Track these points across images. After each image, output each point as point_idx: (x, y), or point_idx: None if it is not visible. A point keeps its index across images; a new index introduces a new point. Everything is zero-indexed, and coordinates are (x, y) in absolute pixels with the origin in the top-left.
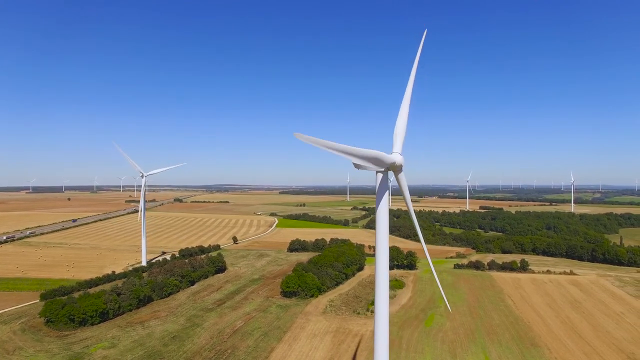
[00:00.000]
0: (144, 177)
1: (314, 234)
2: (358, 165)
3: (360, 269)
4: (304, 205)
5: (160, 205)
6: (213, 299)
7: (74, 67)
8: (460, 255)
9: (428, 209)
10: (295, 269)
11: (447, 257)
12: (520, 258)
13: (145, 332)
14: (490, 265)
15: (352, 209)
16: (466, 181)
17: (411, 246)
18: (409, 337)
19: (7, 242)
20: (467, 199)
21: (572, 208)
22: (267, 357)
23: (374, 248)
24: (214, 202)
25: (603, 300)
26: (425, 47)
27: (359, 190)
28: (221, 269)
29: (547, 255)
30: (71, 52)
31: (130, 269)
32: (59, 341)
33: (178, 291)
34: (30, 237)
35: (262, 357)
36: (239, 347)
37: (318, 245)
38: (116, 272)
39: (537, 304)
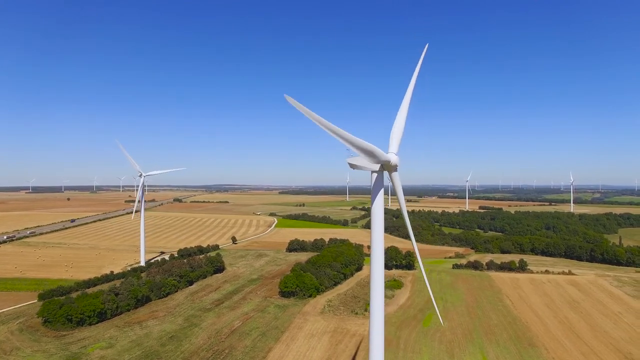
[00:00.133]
0: (143, 176)
1: (313, 234)
2: (354, 165)
3: (358, 269)
4: (303, 205)
5: (160, 205)
6: (211, 299)
7: (74, 67)
8: (459, 256)
9: (427, 209)
10: (293, 269)
11: (446, 257)
12: (519, 258)
13: (143, 332)
14: (488, 265)
15: (351, 209)
16: (465, 181)
17: (410, 246)
18: (406, 337)
19: (6, 242)
20: (466, 199)
21: (572, 208)
22: (264, 357)
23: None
24: (213, 202)
25: (601, 300)
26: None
27: (358, 191)
28: (220, 269)
29: (546, 255)
30: (71, 52)
31: (129, 269)
32: (57, 341)
33: (176, 291)
34: (29, 237)
35: (259, 357)
36: (237, 347)
37: (317, 245)
38: (115, 272)
39: (536, 304)
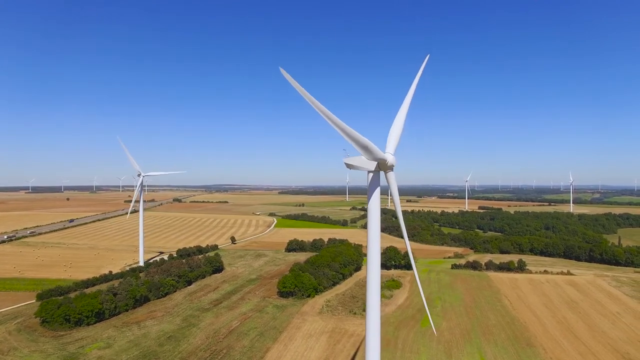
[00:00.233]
0: (141, 176)
1: (312, 234)
2: (350, 166)
3: (357, 269)
4: (303, 205)
5: (159, 205)
6: (210, 299)
7: (73, 67)
8: (458, 256)
9: (427, 209)
10: (292, 269)
11: (445, 257)
12: (518, 258)
13: (141, 332)
14: (487, 265)
15: (351, 209)
16: (465, 181)
17: (411, 246)
18: (404, 337)
19: (6, 242)
20: (466, 199)
21: (571, 208)
22: (262, 357)
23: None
24: (213, 202)
25: (599, 300)
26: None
27: (358, 191)
28: (218, 269)
29: (545, 256)
30: (71, 52)
31: (128, 269)
32: (54, 341)
33: (175, 291)
34: (28, 237)
35: (257, 357)
36: (235, 347)
37: (316, 245)
38: (113, 272)
39: (534, 304)
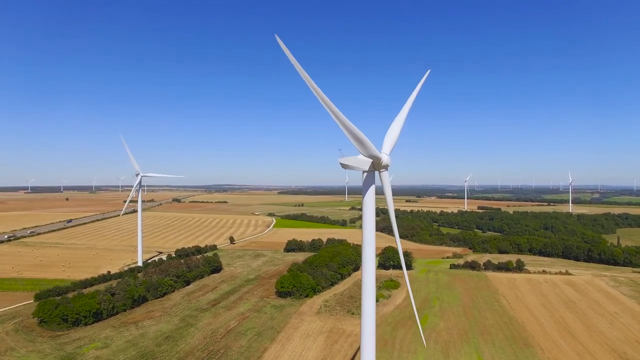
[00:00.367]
0: (139, 175)
1: (311, 234)
2: (345, 166)
3: (356, 269)
4: (302, 205)
5: (159, 205)
6: (208, 299)
7: (74, 67)
8: (457, 256)
9: (426, 209)
10: (290, 269)
11: (443, 257)
12: (517, 258)
13: (139, 332)
14: (486, 265)
15: (350, 209)
16: (464, 181)
17: (410, 246)
18: (402, 337)
19: (4, 242)
20: (465, 199)
21: (570, 208)
22: (259, 357)
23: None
24: (212, 202)
25: (597, 300)
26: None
27: (357, 191)
28: (217, 269)
29: (544, 256)
30: (71, 52)
31: (126, 269)
32: (52, 341)
33: (173, 291)
34: (27, 237)
35: (254, 357)
36: (232, 347)
37: (315, 245)
38: (112, 272)
39: (532, 304)
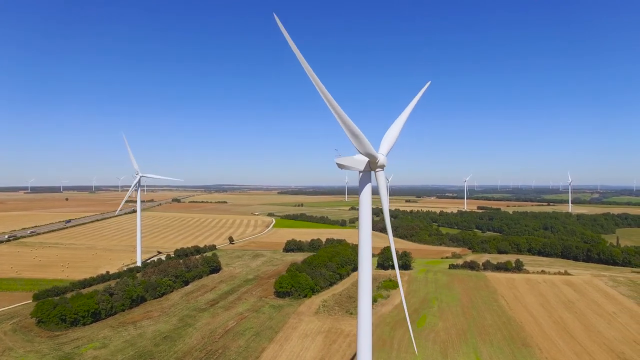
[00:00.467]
0: (138, 175)
1: (311, 234)
2: (342, 165)
3: (355, 269)
4: (301, 205)
5: (158, 205)
6: (206, 299)
7: (74, 67)
8: (456, 256)
9: (426, 209)
10: (289, 269)
11: (442, 257)
12: (516, 258)
13: (137, 332)
14: (485, 265)
15: (349, 209)
16: (464, 181)
17: (409, 246)
18: (400, 338)
19: (3, 242)
20: (464, 199)
21: (570, 208)
22: (257, 357)
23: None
24: (212, 203)
25: (596, 300)
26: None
27: (357, 191)
28: (216, 269)
29: (543, 256)
30: (71, 52)
31: (125, 269)
32: (50, 341)
33: (172, 291)
34: (26, 237)
35: (252, 357)
36: (230, 347)
37: (314, 245)
38: (111, 272)
39: (531, 304)
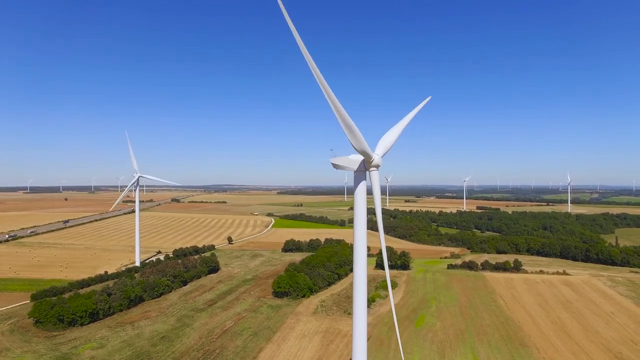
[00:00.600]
0: (137, 175)
1: (309, 234)
2: (337, 165)
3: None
4: (301, 205)
5: (158, 205)
6: (204, 299)
7: (74, 67)
8: (455, 256)
9: (425, 209)
10: (287, 270)
11: (441, 258)
12: (514, 258)
13: (135, 333)
14: (483, 265)
15: (349, 209)
16: (463, 181)
17: (408, 246)
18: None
19: (2, 242)
20: (464, 199)
21: (569, 208)
22: (255, 358)
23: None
24: (211, 203)
25: (594, 300)
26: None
27: None
28: (214, 269)
29: (542, 256)
30: (71, 52)
31: (124, 269)
32: (47, 342)
33: (170, 291)
34: (25, 237)
35: (250, 357)
36: (228, 347)
37: (312, 245)
38: (109, 272)
39: (529, 304)
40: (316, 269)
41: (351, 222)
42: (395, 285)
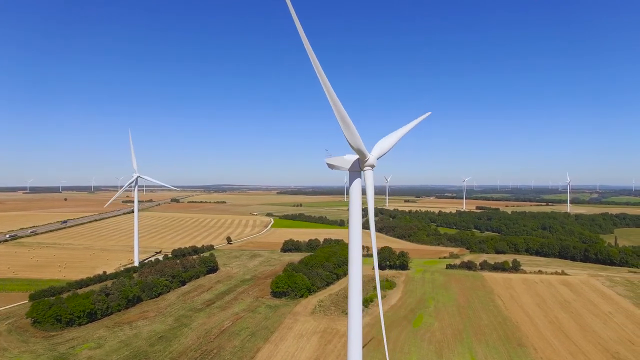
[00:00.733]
0: (135, 175)
1: (309, 234)
2: (332, 165)
3: None
4: (300, 205)
5: (157, 205)
6: (203, 299)
7: (74, 67)
8: (454, 256)
9: (425, 209)
10: (285, 270)
11: (440, 258)
12: (513, 258)
13: (133, 333)
14: (482, 265)
15: (348, 209)
16: (463, 181)
17: (407, 246)
18: (395, 338)
19: (1, 242)
20: (463, 199)
21: (568, 208)
22: (252, 358)
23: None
24: (211, 203)
25: (592, 300)
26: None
27: None
28: (213, 269)
29: (541, 256)
30: (71, 52)
31: (122, 269)
32: (45, 342)
33: (168, 291)
34: (24, 237)
35: (247, 357)
36: (225, 347)
37: (311, 245)
38: (108, 272)
39: (527, 304)
40: (314, 269)
41: None
42: (394, 285)
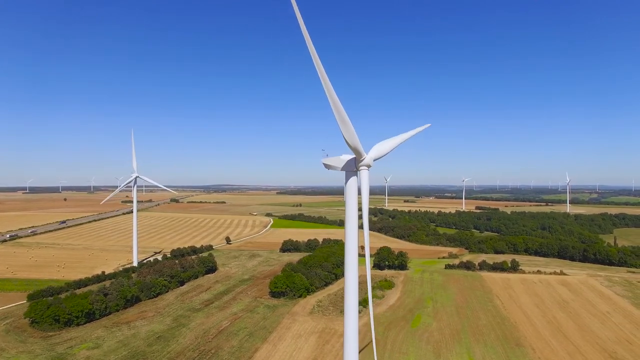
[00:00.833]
0: (134, 175)
1: (308, 234)
2: (328, 166)
3: None
4: (300, 205)
5: (157, 205)
6: (201, 299)
7: (74, 67)
8: (453, 256)
9: (424, 209)
10: (284, 270)
11: (439, 258)
12: (512, 258)
13: (131, 333)
14: (481, 265)
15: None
16: (462, 181)
17: (406, 246)
18: (394, 338)
19: (0, 242)
20: (463, 199)
21: (568, 208)
22: (250, 358)
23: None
24: (210, 203)
25: (591, 300)
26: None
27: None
28: (212, 269)
29: (540, 256)
30: (71, 52)
31: (121, 269)
32: (43, 342)
33: (167, 291)
34: (23, 237)
35: (245, 357)
36: (223, 347)
37: (310, 245)
38: (106, 272)
39: (525, 304)
40: (313, 269)
41: None
42: (393, 285)
